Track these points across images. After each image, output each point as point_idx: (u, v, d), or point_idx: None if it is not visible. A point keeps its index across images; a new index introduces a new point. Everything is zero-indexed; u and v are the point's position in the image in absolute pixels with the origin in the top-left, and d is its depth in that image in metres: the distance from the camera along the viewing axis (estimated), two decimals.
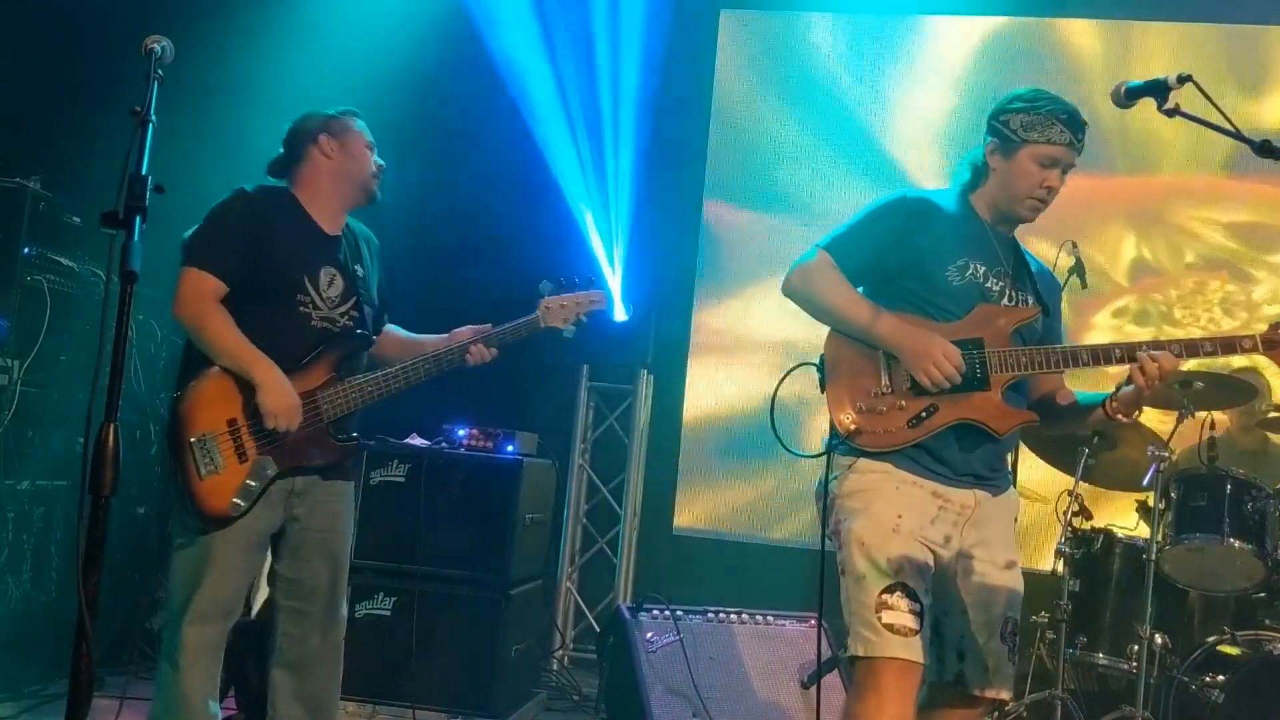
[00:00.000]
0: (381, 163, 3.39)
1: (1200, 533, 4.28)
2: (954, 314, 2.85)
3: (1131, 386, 2.81)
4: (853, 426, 2.80)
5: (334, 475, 3.30)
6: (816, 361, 2.93)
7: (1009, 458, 3.04)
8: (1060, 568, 4.44)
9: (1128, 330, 4.61)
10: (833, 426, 2.86)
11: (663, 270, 6.26)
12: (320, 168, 3.30)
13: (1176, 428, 4.30)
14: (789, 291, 2.93)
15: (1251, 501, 4.28)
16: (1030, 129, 2.84)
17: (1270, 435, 5.00)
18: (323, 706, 3.31)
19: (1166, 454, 4.18)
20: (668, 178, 6.27)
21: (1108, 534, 4.57)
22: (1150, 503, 4.22)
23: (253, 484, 3.12)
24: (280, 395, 3.09)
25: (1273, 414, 4.78)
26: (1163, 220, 4.23)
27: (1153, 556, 4.11)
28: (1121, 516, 4.89)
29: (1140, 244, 4.21)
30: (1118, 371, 2.85)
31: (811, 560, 2.88)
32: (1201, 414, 4.37)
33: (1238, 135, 2.35)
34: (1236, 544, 4.22)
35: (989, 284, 2.89)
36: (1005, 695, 2.90)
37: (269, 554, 3.32)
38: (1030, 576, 2.93)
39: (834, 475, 2.86)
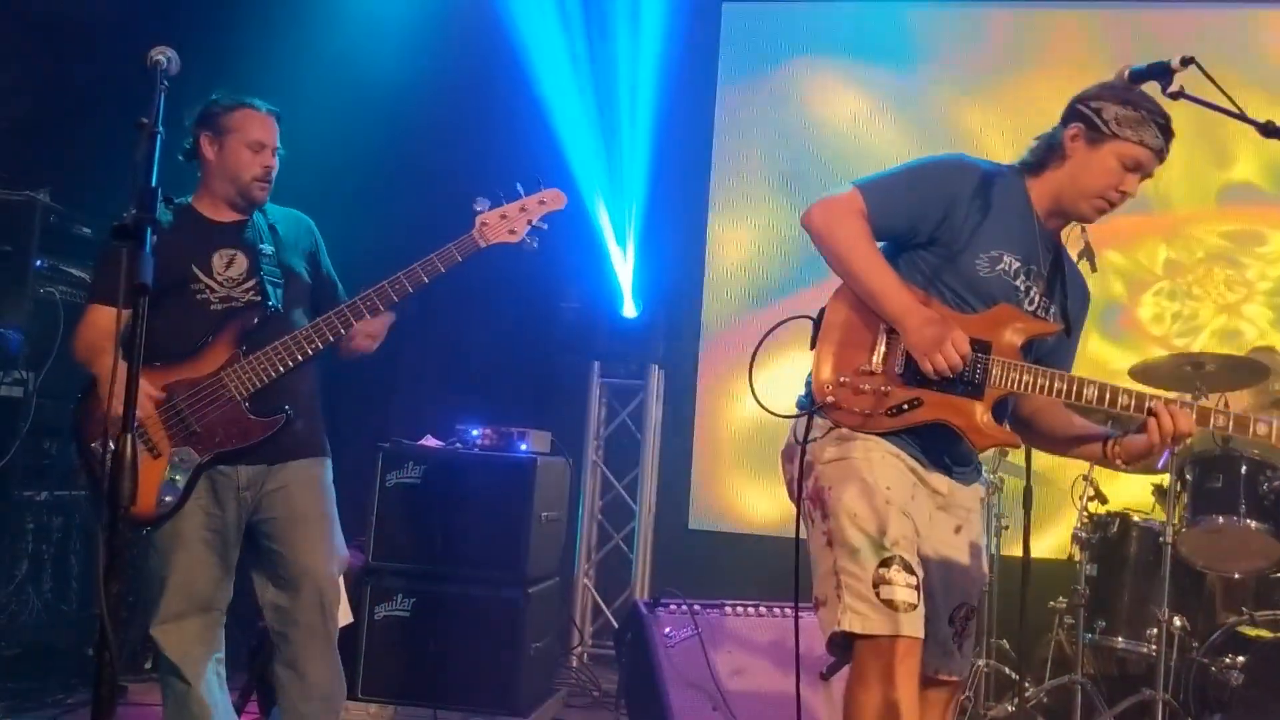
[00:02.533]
0: (271, 164, 3.25)
1: (1216, 514, 4.27)
2: (970, 305, 2.68)
3: (1143, 437, 2.65)
4: (829, 398, 2.64)
5: (284, 458, 3.22)
6: (814, 315, 2.74)
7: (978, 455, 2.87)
8: (1077, 553, 4.45)
9: (1163, 304, 5.78)
10: (809, 386, 2.72)
11: (673, 265, 6.26)
12: (205, 165, 3.27)
13: None
14: (808, 224, 2.70)
15: (1267, 482, 4.27)
16: (1126, 125, 2.62)
17: None
18: (328, 696, 3.29)
19: None
20: (677, 172, 6.26)
21: (1124, 518, 4.57)
22: (1165, 485, 4.22)
23: (177, 478, 3.08)
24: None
25: None
26: (1181, 233, 5.82)
27: (1169, 539, 4.11)
28: (1137, 499, 4.89)
29: (1168, 249, 5.81)
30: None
31: None
32: (1214, 395, 4.37)
33: (1241, 116, 2.33)
34: (1253, 525, 4.21)
35: (1018, 282, 2.69)
36: (956, 679, 2.81)
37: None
38: (1047, 563, 2.93)
39: (813, 436, 2.68)
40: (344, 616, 3.46)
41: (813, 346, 2.72)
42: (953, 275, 2.67)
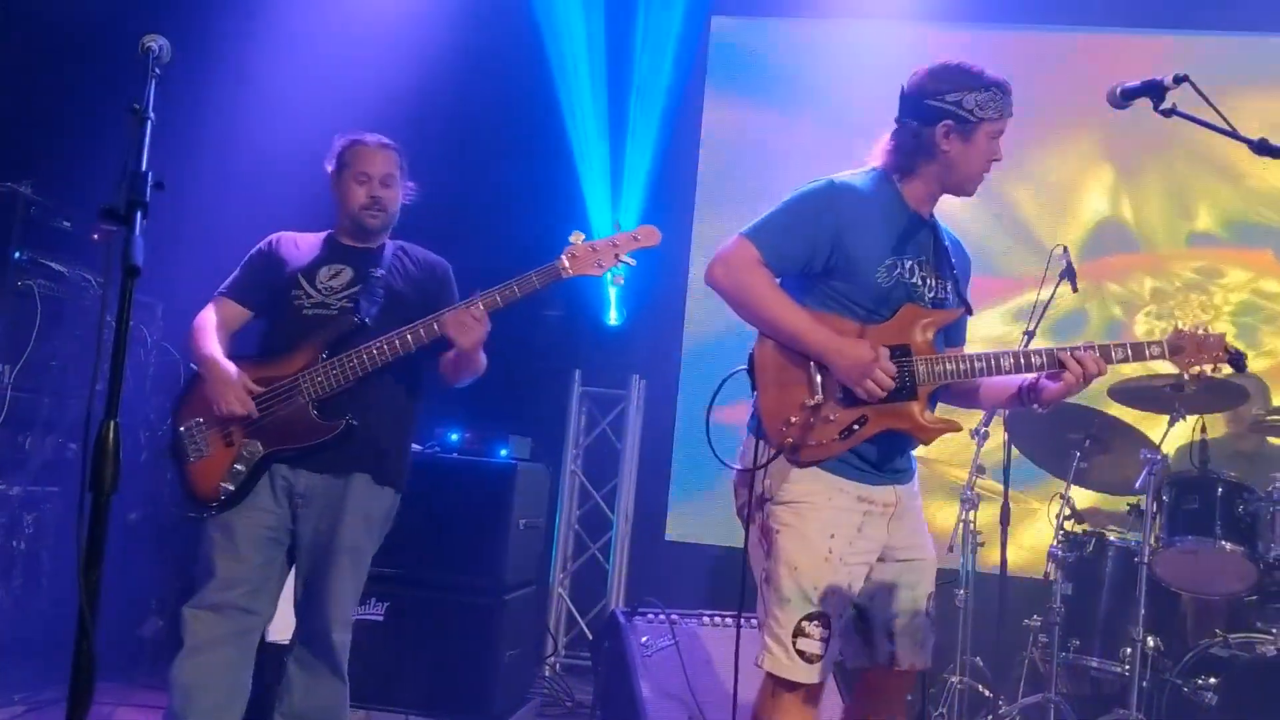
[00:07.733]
0: (378, 194, 3.40)
1: (1192, 535, 4.30)
2: (880, 315, 2.82)
3: (1057, 384, 2.82)
4: (788, 440, 2.79)
5: (346, 470, 3.29)
6: (746, 366, 2.90)
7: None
8: (1053, 571, 4.45)
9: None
10: (755, 418, 2.88)
11: (656, 275, 6.25)
12: (335, 199, 3.50)
13: (1168, 431, 4.32)
14: (713, 284, 2.88)
15: (1243, 504, 4.29)
16: (986, 108, 2.81)
17: (1269, 438, 5.01)
18: (329, 709, 3.35)
19: (1159, 457, 4.20)
20: (662, 180, 6.26)
21: (1100, 537, 4.58)
22: (1142, 505, 4.23)
23: (240, 467, 3.24)
24: (217, 382, 3.24)
25: (1271, 418, 4.80)
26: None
27: (1145, 559, 4.12)
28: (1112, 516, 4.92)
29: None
30: None
31: None
32: (1193, 417, 4.40)
33: (1233, 134, 2.36)
34: (1228, 546, 4.23)
35: (914, 279, 2.86)
36: (925, 664, 2.96)
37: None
38: (1022, 580, 2.95)
39: (762, 464, 2.85)
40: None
41: (753, 391, 2.90)
42: (860, 294, 2.83)
